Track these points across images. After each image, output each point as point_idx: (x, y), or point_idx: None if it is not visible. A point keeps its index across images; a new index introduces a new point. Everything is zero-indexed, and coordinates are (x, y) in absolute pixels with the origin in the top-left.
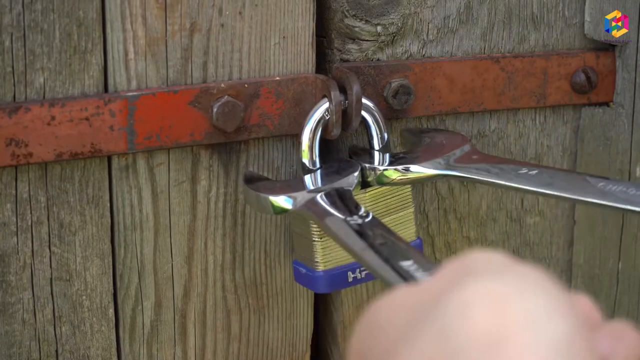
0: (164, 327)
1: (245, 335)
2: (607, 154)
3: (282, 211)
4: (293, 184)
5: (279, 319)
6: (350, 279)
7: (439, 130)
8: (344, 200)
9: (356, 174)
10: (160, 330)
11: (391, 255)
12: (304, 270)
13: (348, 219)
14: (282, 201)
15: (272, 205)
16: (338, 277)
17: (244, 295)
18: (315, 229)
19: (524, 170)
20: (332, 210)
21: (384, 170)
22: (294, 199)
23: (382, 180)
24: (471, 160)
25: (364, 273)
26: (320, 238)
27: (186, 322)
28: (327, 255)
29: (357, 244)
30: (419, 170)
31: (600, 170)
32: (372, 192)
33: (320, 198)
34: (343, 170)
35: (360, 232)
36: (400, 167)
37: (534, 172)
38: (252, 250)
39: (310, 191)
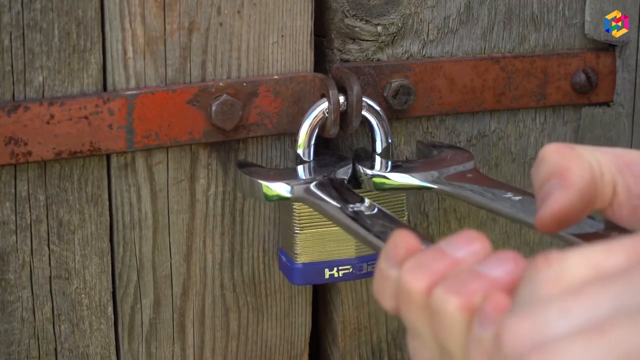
0: (163, 325)
1: (244, 334)
2: None
3: (279, 198)
4: (286, 173)
5: (277, 317)
6: (326, 276)
7: (450, 146)
8: (339, 191)
9: (350, 165)
10: (159, 329)
11: None
12: (284, 259)
13: (350, 206)
14: (279, 188)
15: (268, 192)
16: (314, 272)
17: (243, 294)
18: (297, 221)
19: (509, 195)
20: (328, 199)
21: (372, 176)
22: (292, 186)
23: (372, 186)
24: (464, 179)
25: (341, 272)
26: (301, 230)
27: (185, 320)
28: (306, 249)
29: (358, 231)
30: (405, 180)
31: None
32: (365, 194)
33: (314, 187)
34: (336, 162)
35: (357, 219)
36: (387, 175)
37: (518, 198)
38: (251, 249)
39: (306, 180)
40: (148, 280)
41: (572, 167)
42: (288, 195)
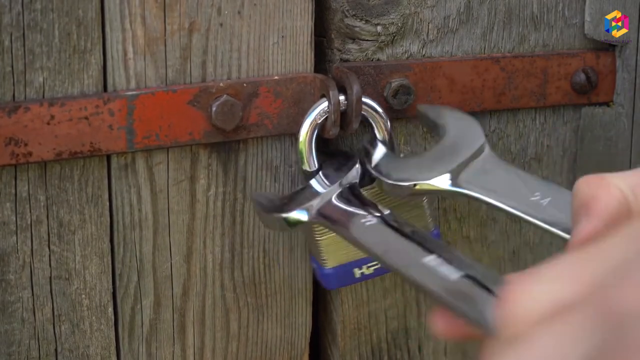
0: (163, 326)
1: (244, 334)
2: (607, 154)
3: (298, 223)
4: (302, 195)
5: (277, 317)
6: (357, 275)
7: (457, 116)
8: (350, 201)
9: (357, 166)
10: (159, 329)
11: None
12: (315, 265)
13: (362, 220)
14: (296, 215)
15: (288, 222)
16: (345, 273)
17: (243, 294)
18: (316, 228)
19: (536, 197)
20: (343, 218)
21: (389, 185)
22: (308, 210)
23: (388, 192)
24: (483, 172)
25: (372, 269)
26: (321, 236)
27: (185, 320)
28: (331, 253)
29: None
30: (424, 186)
31: (600, 171)
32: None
33: (330, 205)
34: (343, 166)
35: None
36: (405, 184)
37: (547, 200)
38: (251, 249)
39: (321, 200)
40: (148, 280)
41: (599, 196)
42: (305, 219)
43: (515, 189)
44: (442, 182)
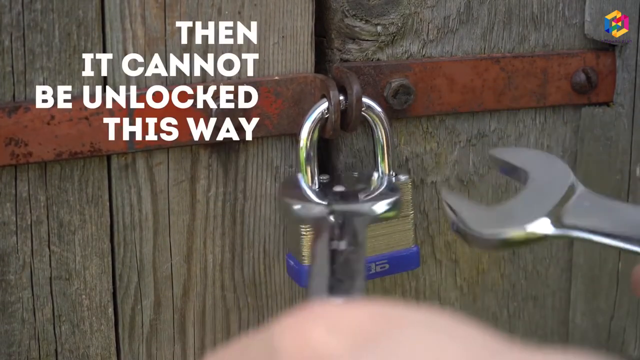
0: (163, 326)
1: (245, 335)
2: (607, 154)
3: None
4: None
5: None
6: None
7: (537, 157)
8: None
9: (391, 200)
10: (160, 330)
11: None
12: (292, 263)
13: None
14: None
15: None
16: None
17: (243, 295)
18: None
19: None
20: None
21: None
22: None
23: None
24: (584, 210)
25: None
26: (308, 231)
27: (185, 321)
28: None
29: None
30: (523, 235)
31: (600, 170)
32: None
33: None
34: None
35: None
36: (503, 236)
37: None
38: (251, 250)
39: (323, 207)
40: (149, 281)
41: None
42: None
43: (623, 222)
44: (543, 226)
